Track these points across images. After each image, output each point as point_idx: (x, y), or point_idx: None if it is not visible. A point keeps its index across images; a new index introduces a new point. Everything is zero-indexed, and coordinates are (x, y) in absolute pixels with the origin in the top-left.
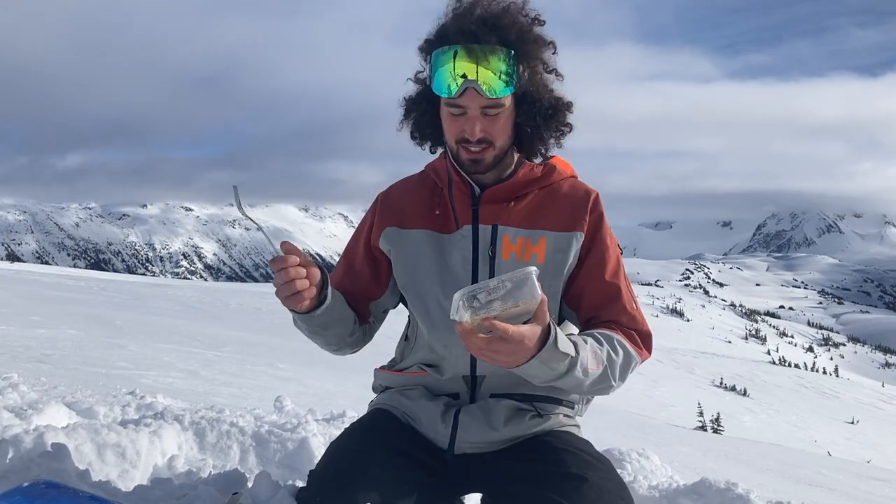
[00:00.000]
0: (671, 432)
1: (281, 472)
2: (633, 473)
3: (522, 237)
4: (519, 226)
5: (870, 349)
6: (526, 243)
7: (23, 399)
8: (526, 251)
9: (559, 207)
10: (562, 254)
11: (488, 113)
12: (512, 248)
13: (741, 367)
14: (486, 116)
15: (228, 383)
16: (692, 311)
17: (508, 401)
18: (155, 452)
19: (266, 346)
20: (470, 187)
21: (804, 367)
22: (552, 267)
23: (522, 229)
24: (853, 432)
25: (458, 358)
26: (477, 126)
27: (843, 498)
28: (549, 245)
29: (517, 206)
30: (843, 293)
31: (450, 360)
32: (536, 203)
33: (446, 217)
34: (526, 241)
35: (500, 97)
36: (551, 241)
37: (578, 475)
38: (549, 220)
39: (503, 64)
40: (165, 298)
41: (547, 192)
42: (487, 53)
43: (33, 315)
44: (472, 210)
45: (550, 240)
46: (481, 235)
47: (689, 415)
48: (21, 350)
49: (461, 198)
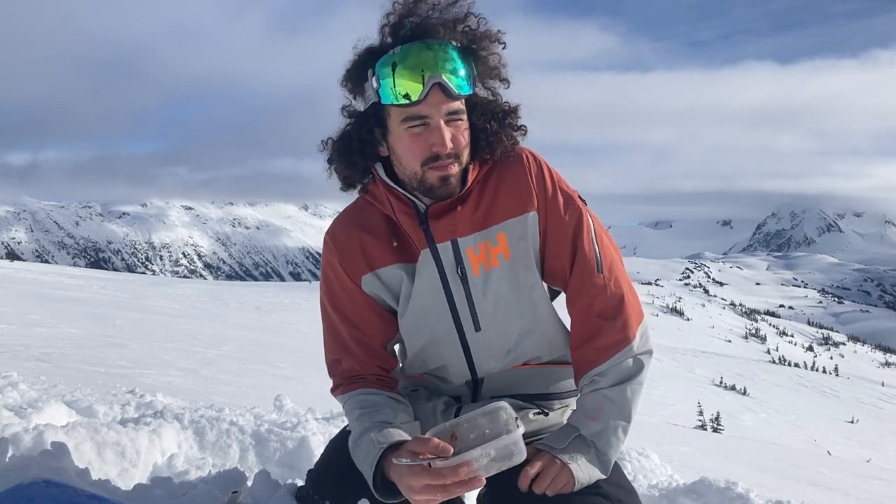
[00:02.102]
0: (671, 431)
1: (280, 471)
2: (633, 472)
3: (482, 242)
4: (474, 230)
5: (870, 348)
6: (487, 247)
7: (22, 398)
8: (490, 256)
9: (504, 191)
10: (523, 241)
11: (452, 122)
12: (478, 260)
13: (741, 366)
14: (451, 125)
15: (228, 382)
16: (692, 311)
17: (510, 399)
18: (154, 451)
19: (266, 344)
20: (413, 205)
21: (804, 367)
22: (521, 258)
23: (478, 232)
24: (853, 431)
25: (456, 368)
26: (447, 136)
27: (842, 497)
28: (510, 236)
29: (465, 209)
30: (843, 292)
31: (449, 368)
32: (480, 196)
33: (406, 245)
34: (486, 245)
35: (464, 96)
36: (509, 231)
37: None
38: (500, 210)
39: (460, 61)
40: (165, 297)
41: (485, 180)
42: (443, 49)
43: (33, 314)
44: (423, 229)
45: (508, 231)
46: (443, 255)
47: (688, 414)
48: (21, 349)
49: (407, 220)
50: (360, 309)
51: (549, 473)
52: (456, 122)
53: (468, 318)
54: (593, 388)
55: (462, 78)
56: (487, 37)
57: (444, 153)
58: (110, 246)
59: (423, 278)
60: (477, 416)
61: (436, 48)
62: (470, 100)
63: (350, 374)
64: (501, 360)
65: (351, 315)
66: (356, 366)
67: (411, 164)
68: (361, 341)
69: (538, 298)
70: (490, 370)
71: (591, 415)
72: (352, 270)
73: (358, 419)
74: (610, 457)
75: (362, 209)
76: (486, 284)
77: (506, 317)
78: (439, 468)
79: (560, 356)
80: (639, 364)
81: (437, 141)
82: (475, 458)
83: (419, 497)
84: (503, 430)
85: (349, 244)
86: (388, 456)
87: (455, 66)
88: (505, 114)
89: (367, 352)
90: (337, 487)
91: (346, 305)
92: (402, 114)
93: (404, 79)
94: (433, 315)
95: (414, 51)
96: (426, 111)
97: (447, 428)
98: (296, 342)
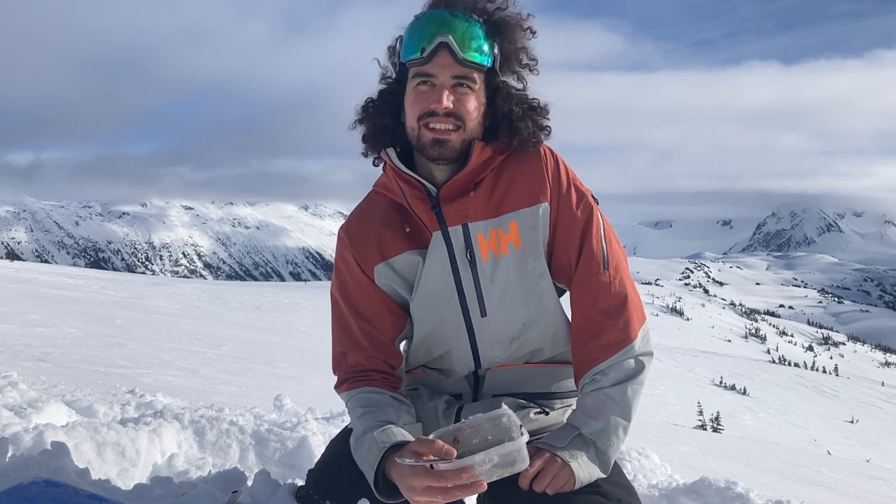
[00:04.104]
0: (671, 431)
1: (280, 471)
2: (633, 472)
3: (493, 228)
4: (487, 216)
5: (869, 348)
6: (498, 234)
7: (22, 397)
8: (501, 243)
9: (519, 181)
10: (534, 231)
11: (459, 87)
12: (488, 245)
13: (741, 365)
14: (457, 90)
15: (228, 382)
16: (692, 310)
17: (511, 398)
18: (154, 451)
19: (266, 344)
20: (424, 188)
21: (804, 366)
22: (531, 248)
23: (491, 219)
24: (853, 431)
25: (461, 354)
26: (445, 95)
27: (842, 497)
28: (521, 225)
29: (478, 194)
30: (842, 292)
31: (453, 355)
32: (495, 184)
33: (419, 230)
34: (497, 232)
35: (474, 63)
36: (521, 220)
37: (591, 481)
38: (513, 199)
39: (477, 31)
40: (165, 297)
41: (501, 168)
42: (461, 16)
43: (33, 313)
44: (435, 213)
45: (520, 220)
46: (454, 239)
47: (688, 413)
48: (21, 348)
49: (419, 204)
50: (371, 301)
51: (550, 472)
52: (464, 89)
53: (475, 302)
54: (594, 386)
55: (475, 46)
56: (515, 20)
57: (439, 110)
58: (110, 246)
59: (434, 260)
60: (481, 420)
61: (455, 14)
62: (492, 81)
63: (355, 369)
64: (505, 348)
65: (361, 308)
66: (363, 360)
67: (411, 119)
68: (370, 334)
69: (545, 289)
70: (493, 359)
71: (591, 414)
72: (364, 262)
73: (360, 417)
74: (610, 456)
75: (373, 202)
76: (495, 270)
77: (512, 303)
78: (442, 470)
79: (562, 353)
80: (640, 364)
81: (434, 99)
82: (478, 462)
83: (420, 498)
84: (506, 436)
85: (362, 236)
86: (390, 456)
87: (469, 33)
88: (531, 107)
89: (376, 345)
90: (337, 487)
91: (358, 298)
92: (413, 72)
93: (416, 37)
94: (441, 297)
95: (433, 14)
96: (433, 70)
97: (450, 431)
98: (296, 342)
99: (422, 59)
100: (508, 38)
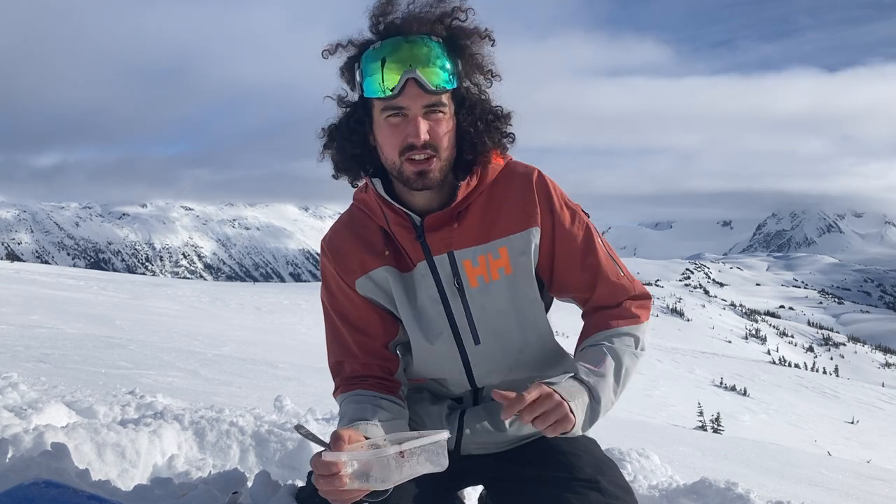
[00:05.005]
0: (671, 432)
1: (280, 472)
2: (633, 473)
3: (482, 254)
4: (475, 243)
5: (870, 349)
6: (488, 259)
7: (22, 398)
8: (491, 269)
9: (507, 206)
10: (524, 256)
11: (431, 114)
12: (477, 272)
13: (741, 366)
14: (429, 117)
15: (228, 382)
16: (692, 311)
17: None
18: (155, 452)
19: (266, 345)
20: (409, 218)
21: (804, 367)
22: (521, 273)
23: (480, 245)
24: (853, 432)
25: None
26: (422, 128)
27: (842, 498)
28: (511, 251)
29: (463, 222)
30: (843, 293)
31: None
32: (482, 211)
33: (397, 254)
34: (487, 258)
35: (443, 89)
36: (511, 245)
37: (590, 479)
38: (502, 225)
39: (441, 56)
40: (165, 298)
41: (487, 195)
42: (424, 44)
43: (33, 314)
44: (420, 243)
45: (511, 245)
46: (440, 268)
47: (689, 414)
48: (21, 349)
49: (403, 233)
50: (360, 310)
51: (543, 404)
52: (436, 115)
53: (467, 331)
54: (596, 340)
55: (441, 72)
56: (474, 32)
57: (418, 143)
58: (110, 247)
59: (422, 290)
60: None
61: (415, 42)
62: (458, 95)
63: (351, 375)
64: (502, 376)
65: (351, 317)
66: (358, 367)
67: (391, 154)
68: (362, 343)
69: (538, 314)
70: (490, 384)
71: (592, 363)
72: (347, 275)
73: (340, 420)
74: (599, 411)
75: (355, 216)
76: (486, 297)
77: (506, 330)
78: (316, 458)
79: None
80: (641, 346)
81: (412, 132)
82: (342, 461)
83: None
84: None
85: (344, 249)
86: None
87: (433, 60)
88: (495, 117)
89: (369, 353)
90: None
91: (346, 308)
92: (381, 105)
93: (381, 73)
94: (434, 329)
95: (392, 46)
96: (404, 103)
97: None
98: (296, 343)
99: (390, 97)
100: (468, 51)
